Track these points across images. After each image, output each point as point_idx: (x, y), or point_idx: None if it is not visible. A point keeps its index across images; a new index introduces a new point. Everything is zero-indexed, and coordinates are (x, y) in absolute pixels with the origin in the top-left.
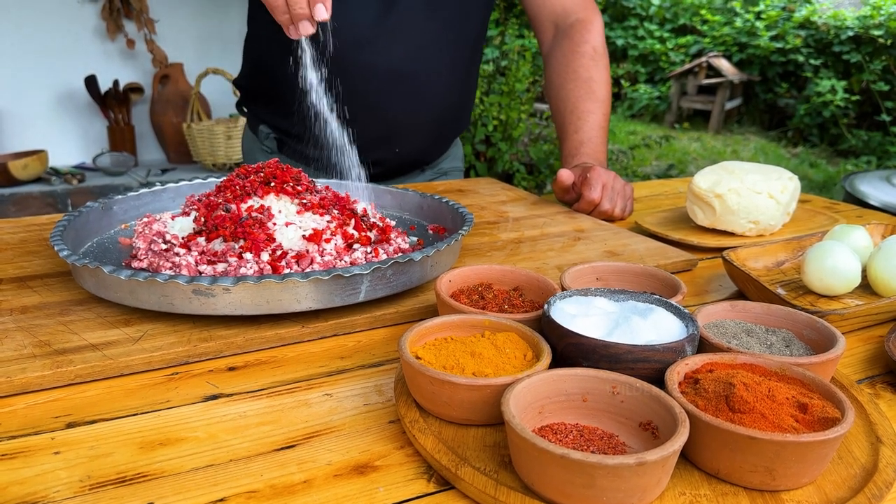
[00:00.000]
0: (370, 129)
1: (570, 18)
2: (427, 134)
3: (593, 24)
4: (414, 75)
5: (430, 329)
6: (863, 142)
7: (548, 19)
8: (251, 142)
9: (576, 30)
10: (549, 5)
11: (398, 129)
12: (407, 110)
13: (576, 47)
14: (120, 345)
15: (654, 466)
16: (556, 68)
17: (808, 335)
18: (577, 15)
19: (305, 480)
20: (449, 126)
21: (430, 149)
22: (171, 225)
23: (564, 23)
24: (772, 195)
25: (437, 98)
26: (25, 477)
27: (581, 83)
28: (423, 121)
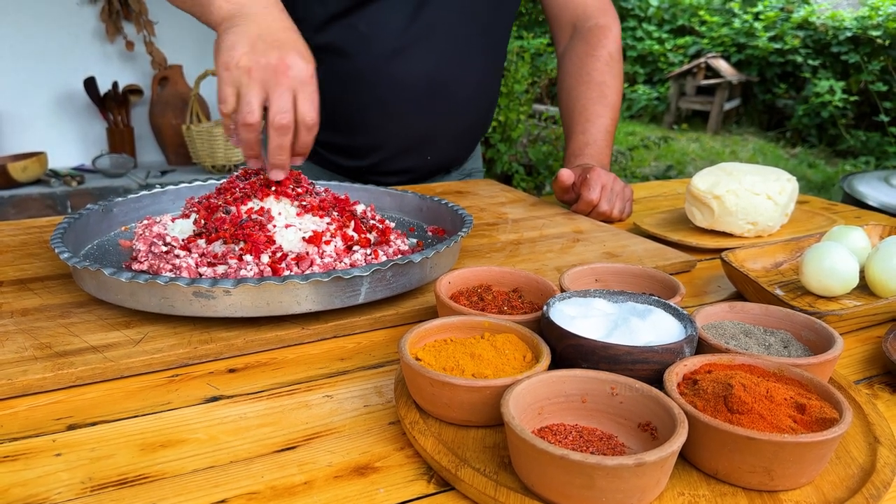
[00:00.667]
0: (402, 138)
1: (590, 22)
2: (459, 139)
3: (612, 31)
4: (447, 83)
5: (430, 331)
6: (861, 142)
7: (567, 20)
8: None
9: (594, 34)
10: (571, 7)
11: (430, 138)
12: (440, 118)
13: (592, 51)
14: (120, 347)
15: (653, 467)
16: (570, 70)
17: (807, 336)
18: (597, 20)
19: (306, 482)
20: (478, 129)
21: (459, 153)
22: (172, 227)
23: (583, 26)
24: (770, 196)
25: (469, 105)
26: (27, 479)
27: (594, 86)
28: (456, 128)
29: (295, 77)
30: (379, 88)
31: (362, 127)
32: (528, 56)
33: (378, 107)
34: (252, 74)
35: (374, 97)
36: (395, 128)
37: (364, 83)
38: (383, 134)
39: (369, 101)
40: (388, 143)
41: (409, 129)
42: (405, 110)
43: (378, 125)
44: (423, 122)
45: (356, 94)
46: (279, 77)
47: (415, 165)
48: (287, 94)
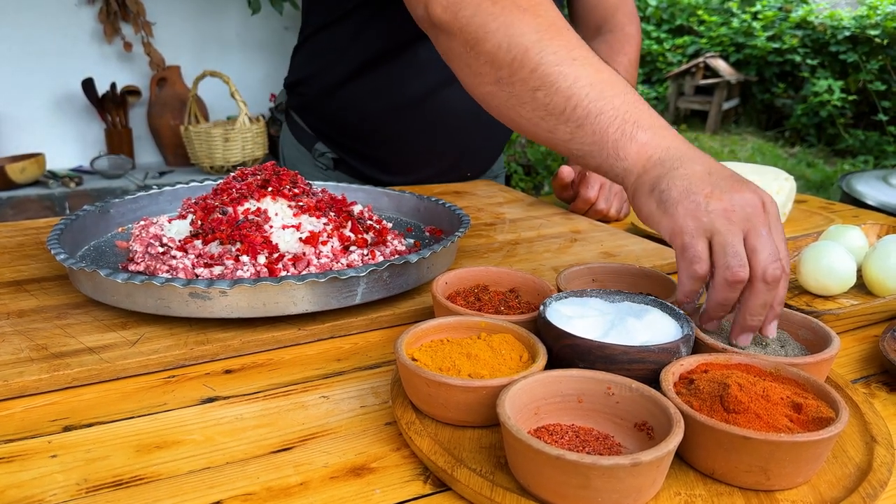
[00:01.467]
0: (444, 159)
1: (616, 28)
2: (493, 153)
3: (634, 38)
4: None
5: (427, 331)
6: (860, 141)
7: (594, 23)
8: (297, 151)
9: (617, 39)
10: (600, 10)
11: (470, 156)
12: (482, 139)
13: (614, 55)
14: (117, 348)
15: (649, 467)
16: None
17: (804, 335)
18: (624, 27)
19: (302, 483)
20: (507, 140)
21: (492, 163)
22: (168, 228)
23: (609, 30)
24: None
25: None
26: (22, 480)
27: None
28: (494, 146)
29: (773, 214)
30: (428, 114)
31: (408, 147)
32: None
33: (427, 131)
34: (730, 215)
35: (424, 121)
36: (439, 150)
37: (416, 108)
38: (426, 155)
39: (419, 126)
40: (432, 163)
41: (451, 151)
42: (450, 135)
43: (425, 147)
44: (465, 144)
45: (407, 117)
46: (762, 216)
47: (454, 179)
48: (770, 238)
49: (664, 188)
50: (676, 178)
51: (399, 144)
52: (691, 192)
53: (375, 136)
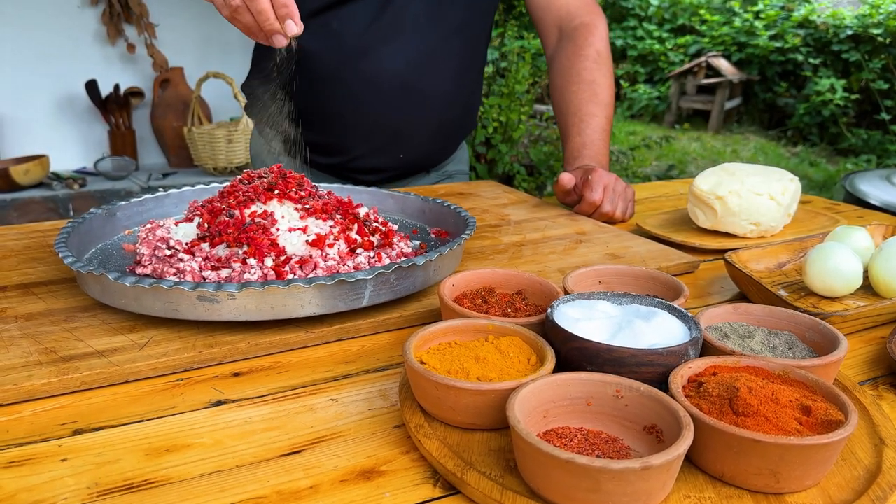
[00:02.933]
0: (373, 135)
1: (575, 22)
2: (432, 139)
3: (597, 28)
4: (417, 82)
5: (435, 334)
6: (862, 140)
7: (552, 23)
8: (257, 143)
9: (580, 33)
10: (553, 9)
11: (403, 136)
12: (412, 117)
13: (579, 50)
14: (125, 351)
15: (660, 470)
16: (559, 71)
17: (811, 337)
18: (582, 18)
19: (312, 486)
20: (454, 129)
21: (435, 153)
22: (175, 231)
23: (569, 26)
24: (773, 197)
25: (443, 103)
26: (33, 484)
27: (584, 86)
28: (429, 126)
29: None
30: (350, 86)
31: (334, 124)
32: (529, 56)
33: (349, 104)
34: None
35: (346, 95)
36: (367, 125)
37: (335, 81)
38: (355, 131)
39: (341, 99)
40: (360, 141)
41: (380, 127)
42: (376, 108)
43: (350, 123)
44: (394, 120)
45: (328, 91)
46: None
47: (388, 164)
48: None
49: None
50: None
51: (324, 121)
52: None
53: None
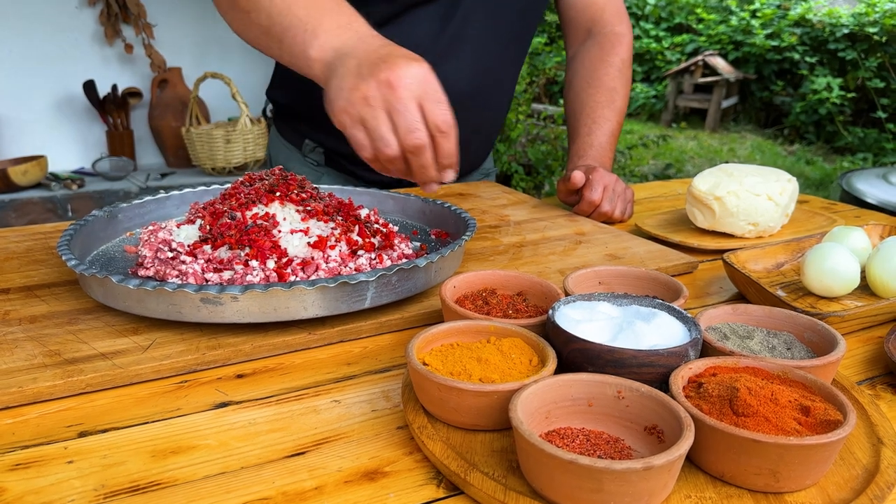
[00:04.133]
0: None
1: (606, 28)
2: (484, 146)
3: (626, 38)
4: (478, 95)
5: (437, 335)
6: (859, 139)
7: (584, 24)
8: (285, 150)
9: (609, 40)
10: (589, 12)
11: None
12: (472, 130)
13: (606, 56)
14: (129, 353)
15: (661, 471)
16: (581, 73)
17: (809, 337)
18: (614, 27)
19: (317, 487)
20: (498, 132)
21: (482, 158)
22: (177, 233)
23: (599, 31)
24: (770, 197)
25: (498, 113)
26: (40, 486)
27: (604, 91)
28: (484, 136)
29: (411, 84)
30: None
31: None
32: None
33: None
34: (370, 102)
35: None
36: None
37: None
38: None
39: None
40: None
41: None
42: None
43: None
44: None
45: None
46: (395, 91)
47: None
48: (410, 106)
49: (329, 92)
50: (336, 78)
51: None
52: (341, 88)
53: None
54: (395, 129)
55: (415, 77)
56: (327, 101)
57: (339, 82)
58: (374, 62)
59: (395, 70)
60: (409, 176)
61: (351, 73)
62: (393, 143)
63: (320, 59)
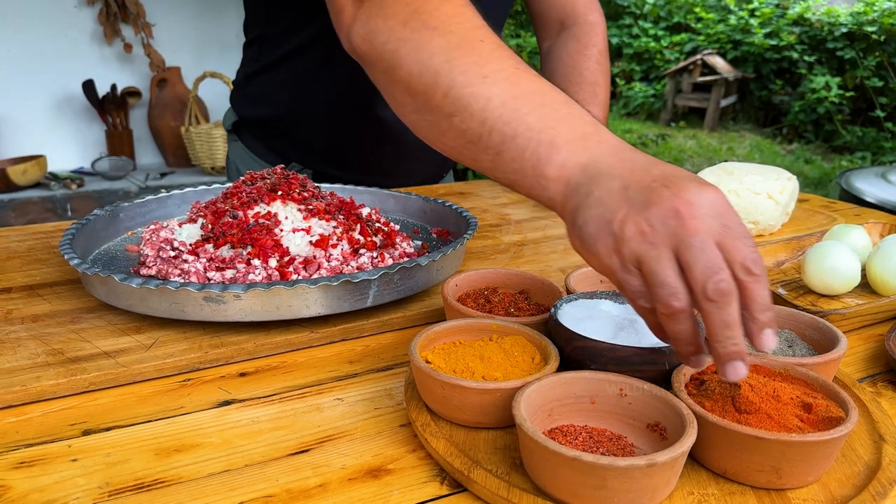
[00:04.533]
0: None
1: (579, 19)
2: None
3: (599, 27)
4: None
5: (439, 333)
6: (857, 138)
7: (555, 17)
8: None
9: (583, 31)
10: (559, 4)
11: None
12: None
13: (583, 49)
14: (132, 352)
15: (664, 467)
16: (560, 69)
17: (811, 335)
18: (586, 17)
19: (320, 484)
20: None
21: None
22: (179, 232)
23: (573, 22)
24: (771, 196)
25: None
26: (45, 484)
27: (586, 87)
28: None
29: (706, 214)
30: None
31: (380, 166)
32: (526, 55)
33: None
34: (649, 237)
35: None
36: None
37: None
38: (399, 170)
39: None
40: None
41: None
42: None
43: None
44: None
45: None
46: (686, 224)
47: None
48: (708, 243)
49: (581, 223)
50: (591, 206)
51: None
52: (606, 220)
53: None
54: (688, 273)
55: (710, 205)
56: (576, 233)
57: (598, 211)
58: (648, 185)
59: (682, 196)
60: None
61: (615, 199)
62: (681, 292)
63: (561, 179)
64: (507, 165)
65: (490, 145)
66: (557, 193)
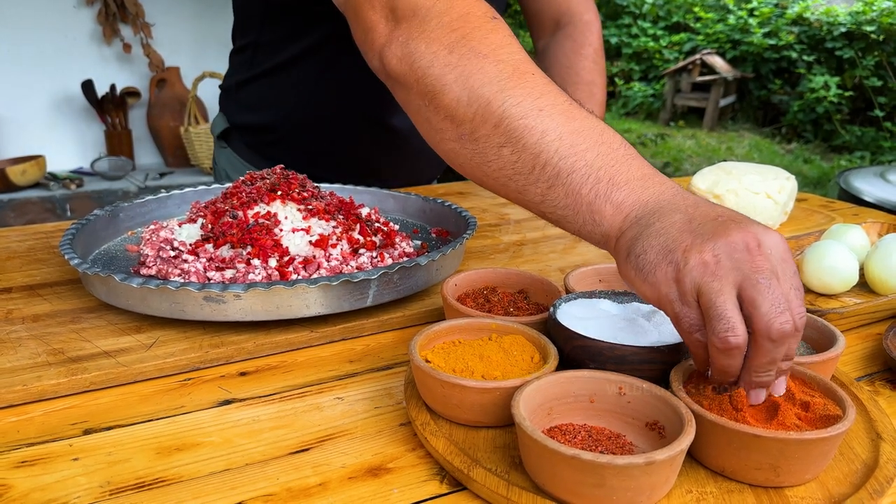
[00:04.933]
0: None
1: (574, 18)
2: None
3: (594, 25)
4: None
5: (439, 333)
6: (856, 137)
7: (550, 16)
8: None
9: (579, 31)
10: (554, 4)
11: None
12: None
13: (579, 48)
14: (132, 352)
15: (663, 465)
16: (556, 68)
17: (809, 334)
18: (581, 16)
19: (321, 483)
20: None
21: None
22: (179, 232)
23: (568, 21)
24: (769, 195)
25: None
26: (46, 483)
27: (583, 86)
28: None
29: (773, 254)
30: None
31: (379, 173)
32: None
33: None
34: (712, 268)
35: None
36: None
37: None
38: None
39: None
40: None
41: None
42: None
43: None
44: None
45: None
46: (755, 258)
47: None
48: (774, 281)
49: (640, 252)
50: (652, 235)
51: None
52: (668, 250)
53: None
54: (752, 309)
55: (776, 246)
56: (632, 262)
57: (659, 240)
58: (714, 219)
59: (750, 231)
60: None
61: (679, 229)
62: (740, 328)
63: (619, 214)
64: (558, 200)
65: (542, 178)
66: (613, 228)
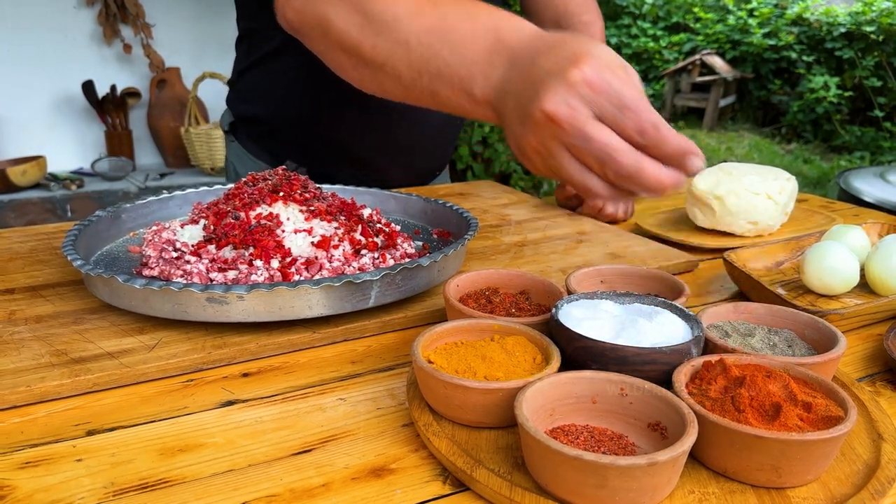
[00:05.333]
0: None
1: (574, 19)
2: (448, 146)
3: (596, 26)
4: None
5: (441, 334)
6: (856, 137)
7: (549, 17)
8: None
9: (579, 31)
10: (553, 5)
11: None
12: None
13: None
14: (135, 353)
15: (665, 466)
16: None
17: (810, 335)
18: (582, 16)
19: (324, 484)
20: (460, 129)
21: (447, 158)
22: (181, 233)
23: (567, 23)
24: (770, 196)
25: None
26: (50, 484)
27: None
28: (449, 135)
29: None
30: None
31: (374, 162)
32: None
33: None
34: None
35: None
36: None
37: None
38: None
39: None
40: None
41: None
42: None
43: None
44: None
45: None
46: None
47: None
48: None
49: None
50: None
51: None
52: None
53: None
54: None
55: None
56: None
57: (512, 132)
58: (529, 97)
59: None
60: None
61: (515, 121)
62: (598, 185)
63: (486, 106)
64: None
65: (422, 89)
66: (492, 119)
